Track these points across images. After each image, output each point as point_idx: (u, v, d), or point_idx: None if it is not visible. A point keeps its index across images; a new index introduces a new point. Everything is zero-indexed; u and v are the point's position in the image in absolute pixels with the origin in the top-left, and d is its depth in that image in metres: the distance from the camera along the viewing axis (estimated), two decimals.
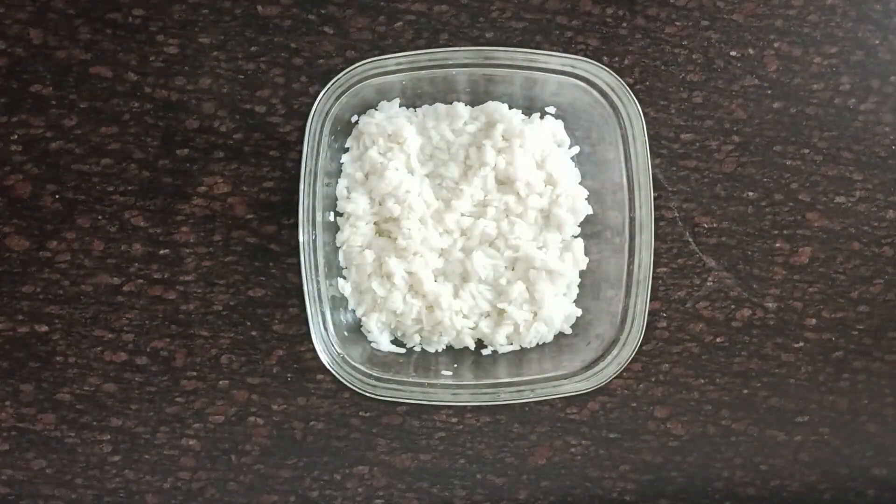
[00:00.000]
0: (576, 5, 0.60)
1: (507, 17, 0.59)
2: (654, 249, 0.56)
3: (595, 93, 0.55)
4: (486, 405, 0.60)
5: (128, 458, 0.60)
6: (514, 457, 0.62)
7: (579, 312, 0.59)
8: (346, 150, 0.58)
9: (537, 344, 0.59)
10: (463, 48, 0.57)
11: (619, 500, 0.63)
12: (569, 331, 0.59)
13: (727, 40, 0.60)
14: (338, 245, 0.58)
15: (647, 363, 0.61)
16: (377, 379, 0.56)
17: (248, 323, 0.60)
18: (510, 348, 0.59)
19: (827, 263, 0.62)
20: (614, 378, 0.56)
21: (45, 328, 0.59)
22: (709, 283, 0.61)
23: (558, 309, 0.58)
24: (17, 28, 0.58)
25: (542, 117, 0.58)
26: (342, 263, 0.58)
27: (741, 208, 0.61)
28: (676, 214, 0.61)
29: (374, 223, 0.58)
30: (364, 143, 0.57)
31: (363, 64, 0.55)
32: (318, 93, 0.55)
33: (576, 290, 0.59)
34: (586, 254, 0.58)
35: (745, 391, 0.62)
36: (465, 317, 0.58)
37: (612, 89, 0.55)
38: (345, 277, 0.58)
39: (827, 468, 0.63)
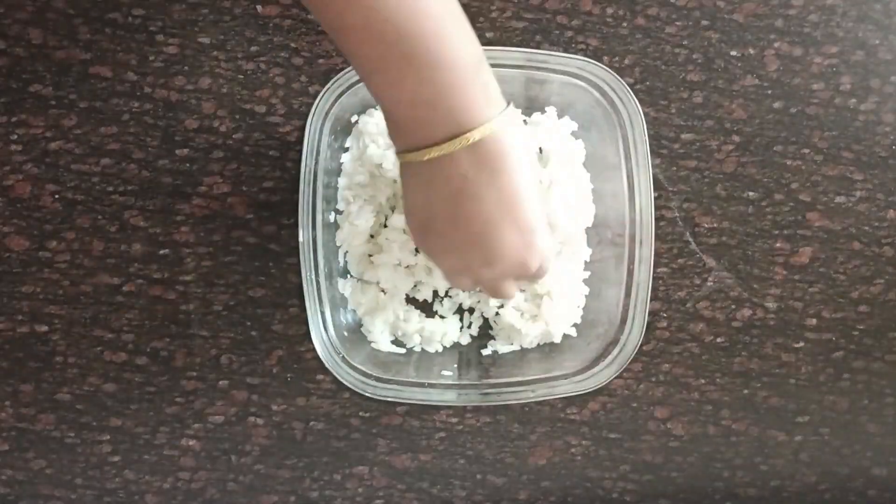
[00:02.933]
0: (576, 5, 0.59)
1: (507, 17, 0.59)
2: (654, 249, 0.56)
3: (595, 93, 0.55)
4: (486, 405, 0.60)
5: (128, 458, 0.60)
6: (514, 457, 0.62)
7: (580, 312, 0.59)
8: (346, 149, 0.58)
9: (537, 344, 0.59)
10: None
11: (619, 501, 0.63)
12: (569, 331, 0.59)
13: (727, 40, 0.60)
14: (338, 245, 0.58)
15: (647, 363, 0.61)
16: (377, 379, 0.56)
17: (248, 323, 0.60)
18: (510, 348, 0.59)
19: (827, 263, 0.62)
20: (614, 378, 0.56)
21: (45, 328, 0.59)
22: (709, 283, 0.61)
23: (558, 309, 0.58)
24: (17, 28, 0.58)
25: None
26: (342, 263, 0.58)
27: (741, 208, 0.61)
28: (676, 214, 0.61)
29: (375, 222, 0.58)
30: (364, 143, 0.57)
31: None
32: (318, 93, 0.55)
33: (576, 290, 0.59)
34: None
35: (746, 391, 0.62)
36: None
37: (613, 89, 0.55)
38: (345, 277, 0.58)
39: (827, 468, 0.63)
